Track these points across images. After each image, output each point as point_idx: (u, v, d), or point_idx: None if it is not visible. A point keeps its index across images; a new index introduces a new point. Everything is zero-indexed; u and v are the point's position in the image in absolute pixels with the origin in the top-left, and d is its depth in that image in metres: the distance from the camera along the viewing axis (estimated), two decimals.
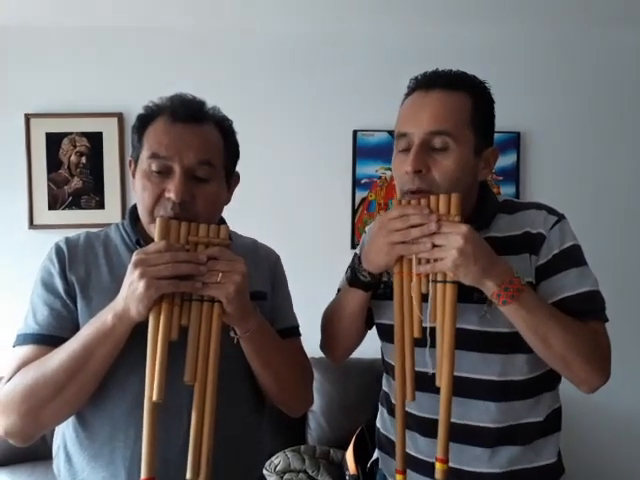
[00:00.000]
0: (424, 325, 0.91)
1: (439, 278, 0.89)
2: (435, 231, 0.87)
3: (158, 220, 0.88)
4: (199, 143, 0.94)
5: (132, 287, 0.82)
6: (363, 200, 2.43)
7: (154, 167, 0.93)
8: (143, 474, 0.82)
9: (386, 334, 1.08)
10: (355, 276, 1.01)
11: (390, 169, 2.32)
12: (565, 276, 0.96)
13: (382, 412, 1.17)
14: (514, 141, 2.40)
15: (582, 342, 0.90)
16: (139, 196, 0.95)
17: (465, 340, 0.97)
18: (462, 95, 0.96)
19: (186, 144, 0.93)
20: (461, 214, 0.89)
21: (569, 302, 0.95)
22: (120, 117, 2.36)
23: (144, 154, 0.94)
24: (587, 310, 0.96)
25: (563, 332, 0.89)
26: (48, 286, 0.96)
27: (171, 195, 0.90)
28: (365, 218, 2.42)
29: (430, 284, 0.89)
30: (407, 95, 1.01)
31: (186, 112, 0.95)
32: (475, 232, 0.88)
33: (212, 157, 0.96)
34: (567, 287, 0.96)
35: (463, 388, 0.98)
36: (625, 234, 2.43)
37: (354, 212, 2.43)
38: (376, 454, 1.20)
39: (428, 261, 0.89)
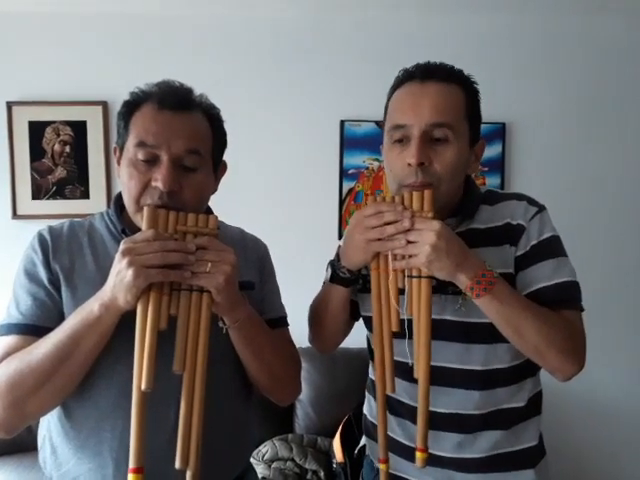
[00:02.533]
0: (402, 317, 0.92)
1: (414, 273, 0.91)
2: (409, 228, 0.88)
3: (146, 209, 0.87)
4: (187, 132, 0.93)
5: (120, 276, 0.81)
6: (350, 190, 2.42)
7: (140, 155, 0.91)
8: (131, 464, 0.81)
9: (371, 325, 1.09)
10: (335, 273, 1.02)
11: (377, 160, 2.38)
12: (541, 267, 0.97)
13: (369, 399, 1.19)
14: (499, 132, 2.40)
15: (555, 332, 0.92)
16: (125, 185, 0.93)
17: (448, 331, 0.98)
18: (457, 88, 0.97)
19: (174, 132, 0.91)
20: (434, 210, 0.90)
21: (544, 292, 0.96)
22: (104, 105, 2.33)
23: (130, 142, 0.93)
24: (562, 300, 0.97)
25: (536, 323, 0.90)
26: (31, 276, 0.94)
27: (158, 184, 0.89)
28: (352, 209, 2.42)
29: (406, 279, 0.91)
30: (397, 86, 1.00)
31: (174, 99, 0.93)
32: (447, 227, 0.89)
33: (200, 146, 0.95)
34: (543, 278, 0.97)
35: (447, 378, 1.00)
36: (609, 225, 2.45)
37: (341, 202, 2.43)
38: (363, 440, 1.22)
39: (403, 257, 0.90)
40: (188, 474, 0.84)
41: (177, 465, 0.83)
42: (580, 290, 0.99)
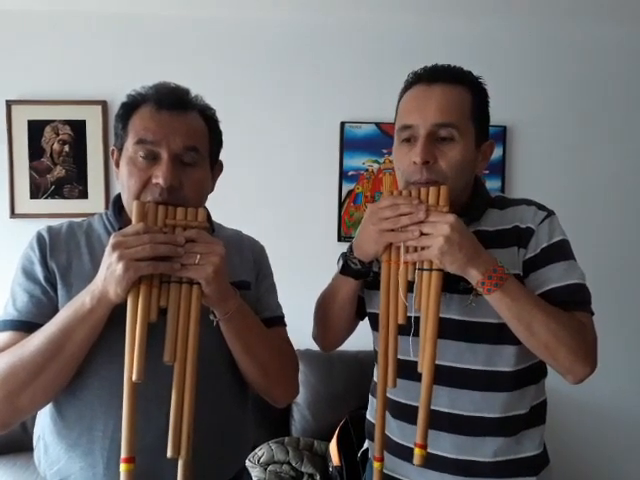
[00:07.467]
0: (409, 314, 0.92)
1: (425, 266, 0.91)
2: (423, 219, 0.89)
3: (135, 203, 0.87)
4: (185, 129, 0.94)
5: (110, 269, 0.82)
6: (350, 192, 2.42)
7: (140, 153, 0.92)
8: (123, 454, 0.82)
9: (376, 323, 1.09)
10: (346, 264, 1.02)
11: (377, 162, 2.38)
12: (553, 269, 0.98)
13: (372, 402, 1.18)
14: (500, 135, 2.40)
15: (567, 331, 0.91)
16: (125, 183, 0.94)
17: (451, 330, 0.99)
18: (463, 89, 0.99)
19: (173, 130, 0.93)
20: (449, 205, 0.91)
21: (555, 293, 0.96)
22: (104, 105, 2.32)
23: (130, 141, 0.94)
24: (573, 301, 0.97)
25: (547, 320, 0.90)
26: (28, 273, 0.95)
27: (159, 180, 0.90)
28: (352, 210, 2.42)
29: (416, 272, 0.92)
30: (406, 89, 1.03)
31: (171, 100, 0.95)
32: (461, 222, 0.90)
33: (198, 143, 0.96)
34: (554, 279, 0.97)
35: (449, 377, 1.00)
36: (610, 228, 2.45)
37: (341, 204, 2.42)
38: (366, 444, 1.22)
39: (416, 249, 0.91)
40: (180, 463, 0.85)
41: (169, 454, 0.84)
42: (590, 294, 1.00)
